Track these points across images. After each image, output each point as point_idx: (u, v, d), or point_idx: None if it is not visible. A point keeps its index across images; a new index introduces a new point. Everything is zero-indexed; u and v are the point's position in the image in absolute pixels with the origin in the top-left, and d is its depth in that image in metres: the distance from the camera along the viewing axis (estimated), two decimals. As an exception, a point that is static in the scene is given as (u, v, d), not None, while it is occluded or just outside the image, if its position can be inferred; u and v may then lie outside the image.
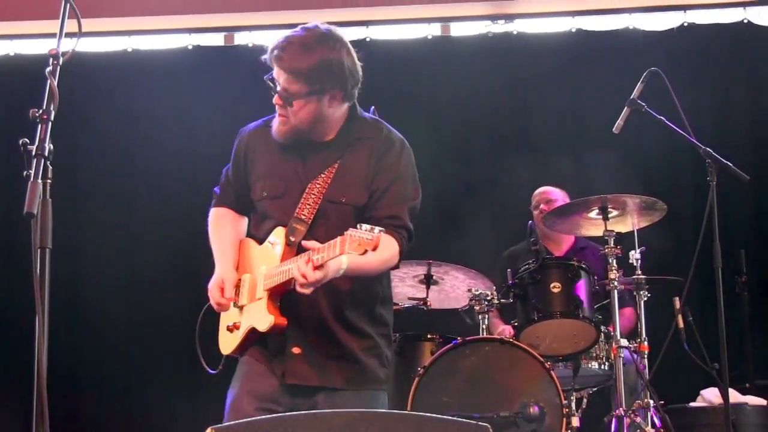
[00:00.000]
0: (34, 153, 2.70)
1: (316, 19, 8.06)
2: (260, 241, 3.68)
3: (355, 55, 3.71)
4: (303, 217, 3.55)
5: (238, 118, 7.13)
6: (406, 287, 6.04)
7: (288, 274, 3.37)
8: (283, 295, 3.49)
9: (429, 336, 5.73)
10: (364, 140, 3.66)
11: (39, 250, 2.63)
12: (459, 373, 5.24)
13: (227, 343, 3.69)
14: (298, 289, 3.28)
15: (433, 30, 7.99)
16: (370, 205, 3.57)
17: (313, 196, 3.58)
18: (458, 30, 8.06)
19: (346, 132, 3.67)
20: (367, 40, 7.83)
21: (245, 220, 3.85)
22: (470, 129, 7.56)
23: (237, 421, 2.48)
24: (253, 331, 3.54)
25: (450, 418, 2.61)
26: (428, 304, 5.95)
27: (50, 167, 2.72)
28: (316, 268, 3.23)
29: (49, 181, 2.70)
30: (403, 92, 7.37)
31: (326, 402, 3.50)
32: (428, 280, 5.98)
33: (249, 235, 3.80)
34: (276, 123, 3.66)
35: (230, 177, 3.85)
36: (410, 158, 3.71)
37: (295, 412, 2.53)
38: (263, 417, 2.52)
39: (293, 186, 3.62)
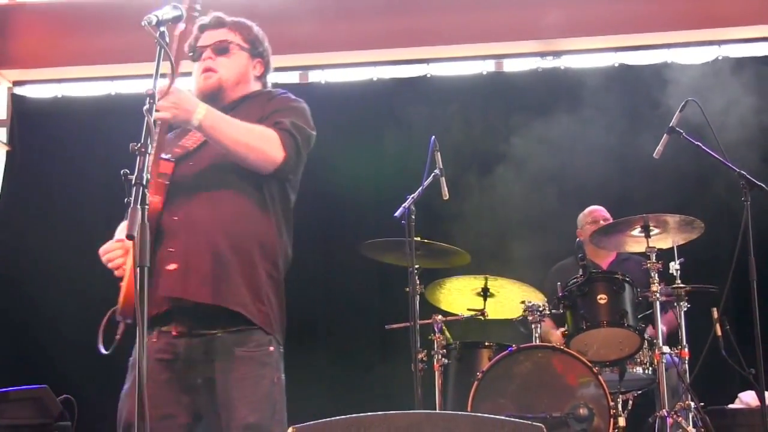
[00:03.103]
0: (133, 182, 2.73)
1: (383, 56, 8.18)
2: None
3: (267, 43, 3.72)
4: (188, 144, 3.41)
5: (313, 145, 7.17)
6: (464, 299, 6.03)
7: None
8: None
9: (486, 344, 5.68)
10: (256, 96, 3.58)
11: (138, 268, 2.66)
12: (514, 377, 5.21)
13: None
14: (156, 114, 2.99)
15: (488, 66, 8.00)
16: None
17: (199, 135, 3.38)
18: (511, 66, 8.06)
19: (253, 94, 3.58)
20: (428, 76, 7.84)
21: None
22: (521, 155, 7.53)
23: (316, 422, 2.48)
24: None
25: (507, 418, 2.60)
26: (485, 314, 5.93)
27: (147, 194, 2.76)
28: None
29: (146, 206, 2.73)
30: (459, 123, 7.36)
31: (194, 347, 3.23)
32: (485, 293, 5.97)
33: None
34: (198, 81, 3.54)
35: None
36: (300, 104, 3.56)
37: (366, 413, 2.51)
38: (338, 418, 2.51)
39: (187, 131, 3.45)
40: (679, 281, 5.47)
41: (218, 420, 3.21)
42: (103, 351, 3.19)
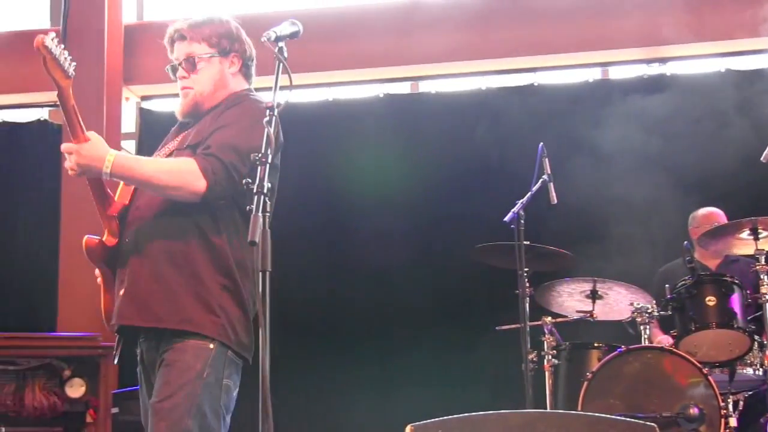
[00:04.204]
0: (255, 190, 2.77)
1: (490, 67, 8.15)
2: None
3: (244, 32, 3.49)
4: None
5: (424, 154, 7.20)
6: (574, 301, 5.97)
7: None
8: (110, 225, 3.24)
9: (596, 345, 5.64)
10: (216, 107, 3.36)
11: (261, 273, 2.70)
12: (624, 377, 5.15)
13: None
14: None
15: (594, 74, 7.89)
16: (201, 144, 3.22)
17: (165, 150, 3.37)
18: (616, 73, 7.93)
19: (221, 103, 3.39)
20: (535, 84, 7.78)
21: None
22: (627, 160, 7.41)
23: (432, 420, 2.47)
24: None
25: (620, 417, 2.55)
26: (594, 316, 5.86)
27: (268, 202, 2.79)
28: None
29: (268, 214, 2.76)
30: (567, 130, 7.28)
31: (149, 349, 3.22)
32: (594, 295, 5.89)
33: None
34: (178, 103, 3.43)
35: None
36: (249, 112, 3.25)
37: (481, 412, 2.48)
38: (454, 416, 2.50)
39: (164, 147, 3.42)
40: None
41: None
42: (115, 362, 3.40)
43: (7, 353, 5.29)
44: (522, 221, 5.46)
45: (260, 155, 2.83)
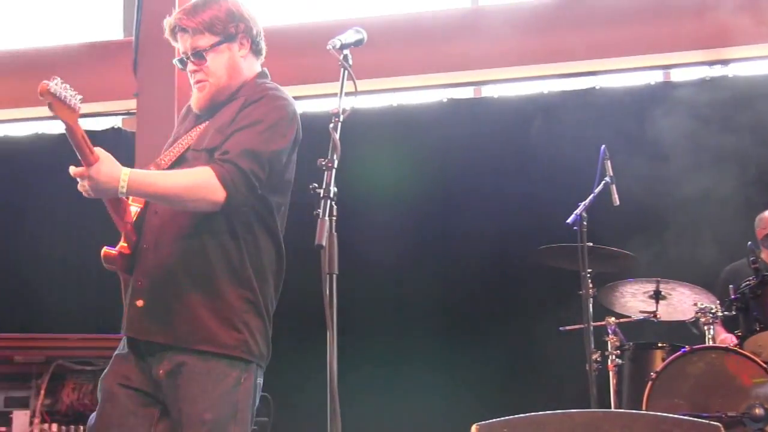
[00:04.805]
0: (321, 195, 2.79)
1: (551, 71, 8.10)
2: None
3: (243, 5, 3.26)
4: (162, 162, 3.14)
5: (487, 157, 7.16)
6: (637, 302, 5.92)
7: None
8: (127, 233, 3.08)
9: (659, 345, 5.59)
10: (242, 96, 3.18)
11: (327, 276, 2.71)
12: (688, 377, 5.09)
13: None
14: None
15: (656, 77, 7.81)
16: (218, 147, 3.05)
17: (181, 145, 3.18)
18: (678, 76, 7.83)
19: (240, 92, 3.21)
20: (596, 88, 7.72)
21: None
22: (690, 162, 7.32)
23: (498, 419, 2.46)
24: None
25: (685, 417, 2.52)
26: (657, 316, 5.81)
27: (335, 206, 2.81)
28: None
29: (334, 218, 2.78)
30: (629, 132, 7.21)
31: (162, 360, 3.03)
32: (657, 296, 5.83)
33: None
34: (194, 96, 3.24)
35: None
36: (275, 110, 3.11)
37: (546, 412, 2.46)
38: (519, 416, 2.49)
39: (176, 141, 3.24)
40: None
41: (177, 412, 3.00)
42: None
43: (83, 354, 5.39)
44: (585, 223, 5.45)
45: (326, 160, 2.85)
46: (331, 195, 2.80)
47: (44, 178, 7.83)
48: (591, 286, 5.45)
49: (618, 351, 5.61)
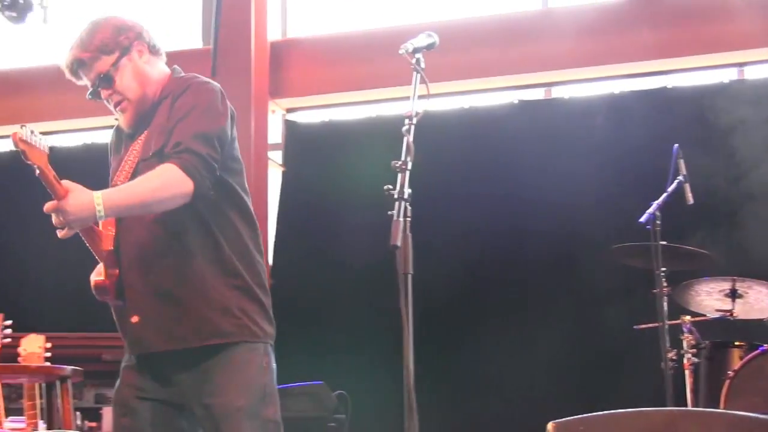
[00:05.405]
0: (396, 196, 2.80)
1: (622, 71, 8.02)
2: None
3: (124, 15, 3.25)
4: (119, 182, 3.10)
5: (559, 158, 7.13)
6: (713, 300, 5.81)
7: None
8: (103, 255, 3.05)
9: (736, 343, 5.47)
10: (168, 95, 3.15)
11: (403, 276, 2.72)
12: (766, 376, 4.98)
13: None
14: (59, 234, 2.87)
15: (730, 74, 7.66)
16: (166, 144, 3.03)
17: (129, 162, 3.13)
18: (752, 73, 7.67)
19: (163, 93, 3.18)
20: (668, 87, 7.61)
21: None
22: (765, 160, 7.18)
23: (573, 417, 2.43)
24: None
25: (764, 416, 2.46)
26: (734, 315, 5.68)
27: (409, 207, 2.81)
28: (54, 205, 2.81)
29: (408, 219, 2.78)
30: (702, 130, 7.09)
31: (175, 366, 3.04)
32: (733, 294, 5.70)
33: None
34: (120, 119, 3.21)
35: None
36: (204, 93, 3.11)
37: (622, 410, 2.41)
38: (595, 414, 2.46)
39: (121, 162, 3.19)
40: None
41: (203, 408, 3.03)
42: None
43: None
44: (658, 222, 5.38)
45: (400, 162, 2.86)
46: (405, 196, 2.82)
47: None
48: (665, 284, 5.36)
49: (694, 349, 5.52)
